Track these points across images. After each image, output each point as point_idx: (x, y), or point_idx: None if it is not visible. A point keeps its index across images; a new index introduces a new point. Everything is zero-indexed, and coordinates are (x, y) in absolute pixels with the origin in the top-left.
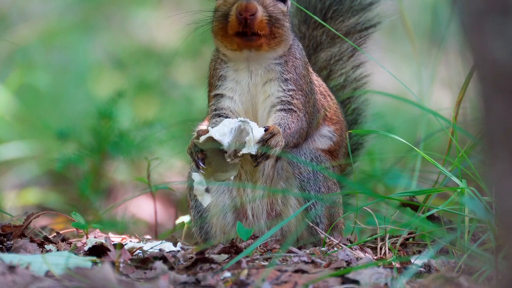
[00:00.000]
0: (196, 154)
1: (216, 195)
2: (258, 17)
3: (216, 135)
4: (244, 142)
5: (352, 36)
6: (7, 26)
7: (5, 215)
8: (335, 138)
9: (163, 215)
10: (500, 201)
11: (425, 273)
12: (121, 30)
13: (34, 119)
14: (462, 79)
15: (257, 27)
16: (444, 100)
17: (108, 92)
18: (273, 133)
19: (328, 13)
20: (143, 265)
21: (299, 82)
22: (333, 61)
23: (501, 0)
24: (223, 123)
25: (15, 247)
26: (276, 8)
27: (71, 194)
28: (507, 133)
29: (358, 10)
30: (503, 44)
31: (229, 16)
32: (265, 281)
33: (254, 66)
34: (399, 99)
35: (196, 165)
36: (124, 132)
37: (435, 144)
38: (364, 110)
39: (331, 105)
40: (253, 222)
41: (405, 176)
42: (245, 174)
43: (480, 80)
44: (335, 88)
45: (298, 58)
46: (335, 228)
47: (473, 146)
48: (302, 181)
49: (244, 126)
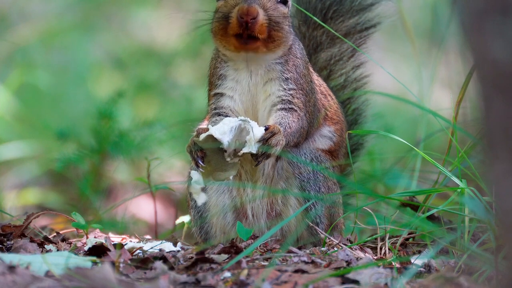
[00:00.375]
0: (196, 152)
1: (216, 195)
2: (259, 20)
3: (216, 133)
4: (244, 141)
5: (352, 36)
6: (7, 26)
7: (5, 215)
8: (335, 138)
9: (163, 215)
10: (500, 201)
11: (425, 273)
12: (121, 30)
13: (34, 119)
14: (462, 79)
15: (257, 30)
16: (444, 100)
17: (108, 92)
18: (274, 132)
19: (328, 13)
20: (143, 265)
21: (299, 81)
22: (333, 61)
23: (501, 0)
24: (223, 121)
25: (15, 247)
26: (276, 11)
27: (71, 194)
28: (507, 133)
29: (358, 10)
30: (503, 44)
31: (229, 18)
32: (265, 281)
33: (253, 66)
34: (399, 99)
35: (196, 164)
36: (124, 132)
37: (435, 144)
38: (364, 110)
39: (331, 105)
40: (253, 222)
41: (405, 176)
42: (245, 174)
43: (480, 80)
44: (335, 88)
45: (299, 58)
46: (335, 228)
47: (473, 146)
48: (302, 181)
49: (245, 125)
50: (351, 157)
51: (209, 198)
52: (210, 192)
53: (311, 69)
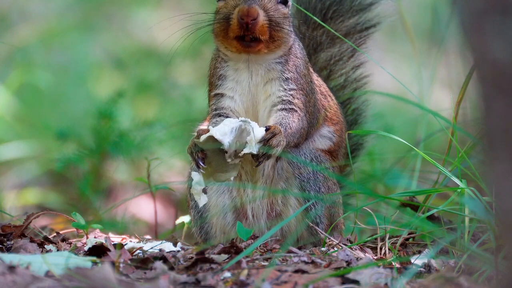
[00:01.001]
0: (197, 153)
1: (216, 195)
2: (259, 21)
3: (217, 134)
4: (245, 142)
5: (352, 36)
6: (7, 26)
7: (5, 215)
8: (335, 138)
9: (163, 215)
10: (500, 201)
11: (425, 273)
12: (121, 30)
13: (34, 119)
14: (462, 79)
15: (258, 31)
16: (444, 100)
17: (108, 92)
18: (275, 132)
19: (328, 13)
20: (143, 265)
21: (300, 81)
22: (333, 61)
23: (501, 0)
24: (223, 122)
25: (15, 247)
26: (277, 11)
27: (71, 194)
28: (507, 133)
29: (358, 10)
30: (503, 44)
31: (230, 19)
32: (265, 281)
33: (254, 66)
34: (399, 99)
35: (196, 165)
36: (124, 132)
37: (435, 144)
38: (364, 111)
39: (331, 105)
40: (253, 222)
41: (405, 176)
42: (245, 175)
43: (480, 80)
44: (335, 88)
45: (299, 57)
46: (335, 229)
47: (473, 146)
48: (302, 181)
49: (245, 126)
50: (350, 157)
51: (209, 198)
52: (210, 192)
53: (311, 69)
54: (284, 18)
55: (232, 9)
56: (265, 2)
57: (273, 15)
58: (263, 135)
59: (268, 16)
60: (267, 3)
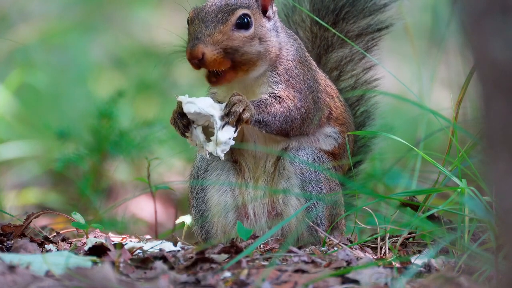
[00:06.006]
0: (181, 121)
1: (218, 194)
2: (207, 59)
3: (203, 107)
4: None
5: (364, 37)
6: (7, 26)
7: (5, 215)
8: (341, 139)
9: (163, 215)
10: (500, 201)
11: (425, 273)
12: (121, 30)
13: (34, 118)
14: (462, 79)
15: (212, 66)
16: (444, 100)
17: (108, 92)
18: (233, 102)
19: (340, 14)
20: (143, 265)
21: (290, 81)
22: (344, 62)
23: (501, 0)
24: (200, 98)
25: (15, 247)
26: (231, 40)
27: (71, 194)
28: (507, 133)
29: (370, 11)
30: (503, 44)
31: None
32: (265, 281)
33: (241, 83)
34: (399, 99)
35: (182, 133)
36: (124, 132)
37: (435, 144)
38: (373, 113)
39: (338, 106)
40: (254, 221)
41: (405, 176)
42: (248, 172)
43: (480, 80)
44: (345, 89)
45: (291, 59)
46: (336, 229)
47: (473, 146)
48: (304, 182)
49: (212, 121)
50: (350, 158)
51: (211, 197)
52: (212, 191)
53: (313, 67)
54: (246, 41)
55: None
56: (215, 35)
57: (227, 45)
58: (223, 110)
59: (221, 46)
60: (217, 35)
